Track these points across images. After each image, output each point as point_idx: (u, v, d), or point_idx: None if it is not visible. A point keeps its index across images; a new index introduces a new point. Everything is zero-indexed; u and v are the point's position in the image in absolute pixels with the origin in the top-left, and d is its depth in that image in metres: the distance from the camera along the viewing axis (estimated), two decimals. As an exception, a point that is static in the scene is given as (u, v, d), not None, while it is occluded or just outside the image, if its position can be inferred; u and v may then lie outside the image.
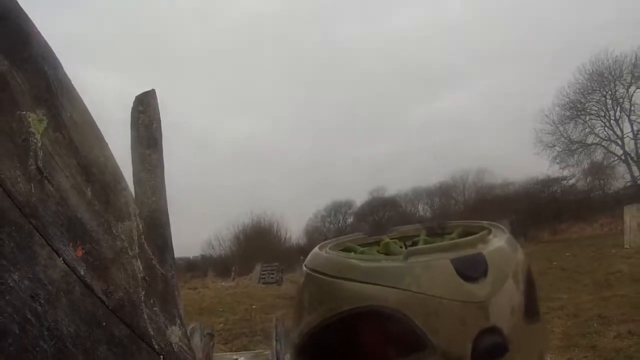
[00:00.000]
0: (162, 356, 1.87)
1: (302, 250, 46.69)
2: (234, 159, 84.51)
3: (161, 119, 2.33)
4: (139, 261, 1.89)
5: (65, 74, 1.73)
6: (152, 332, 1.85)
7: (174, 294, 2.16)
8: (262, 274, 32.52)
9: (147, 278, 1.91)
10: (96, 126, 1.86)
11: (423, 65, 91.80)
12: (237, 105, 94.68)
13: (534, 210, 42.53)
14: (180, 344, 2.04)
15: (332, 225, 61.50)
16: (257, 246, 47.44)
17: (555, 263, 20.76)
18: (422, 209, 60.99)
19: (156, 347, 1.85)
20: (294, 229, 61.35)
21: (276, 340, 5.24)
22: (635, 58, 46.28)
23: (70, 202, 1.61)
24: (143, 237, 1.96)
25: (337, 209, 62.77)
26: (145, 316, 1.84)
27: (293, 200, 76.09)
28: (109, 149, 1.90)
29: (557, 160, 50.78)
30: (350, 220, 61.83)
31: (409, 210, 60.41)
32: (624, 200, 29.65)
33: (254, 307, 17.13)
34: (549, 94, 75.75)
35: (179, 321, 2.09)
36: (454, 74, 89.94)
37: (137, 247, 1.89)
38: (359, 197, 62.62)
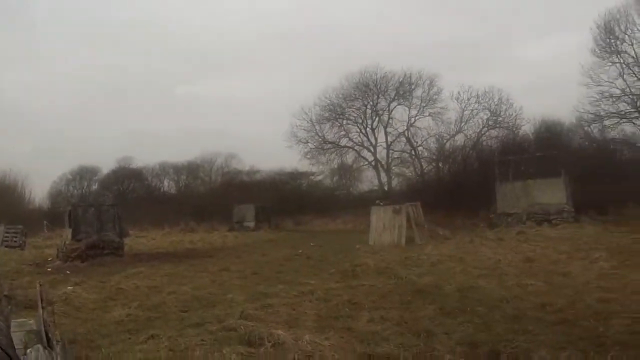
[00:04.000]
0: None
1: (46, 215, 43.63)
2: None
3: None
4: None
5: None
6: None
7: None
8: (6, 237, 29.52)
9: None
10: None
11: (194, 46, 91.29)
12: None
13: (278, 199, 43.80)
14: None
15: (76, 191, 58.49)
16: (0, 205, 43.00)
17: (300, 251, 21.44)
18: (168, 185, 60.42)
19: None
20: (38, 190, 57.44)
21: (42, 308, 4.48)
22: (404, 77, 50.29)
23: None
24: None
25: (83, 174, 59.92)
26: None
27: (39, 160, 71.16)
28: None
29: (308, 156, 52.82)
30: (95, 187, 59.33)
31: (154, 185, 59.40)
32: (369, 202, 31.47)
33: (-3, 272, 15.40)
34: (310, 94, 78.80)
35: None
36: (222, 59, 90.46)
37: None
38: (107, 165, 60.09)
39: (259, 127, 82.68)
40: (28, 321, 5.01)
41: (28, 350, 3.59)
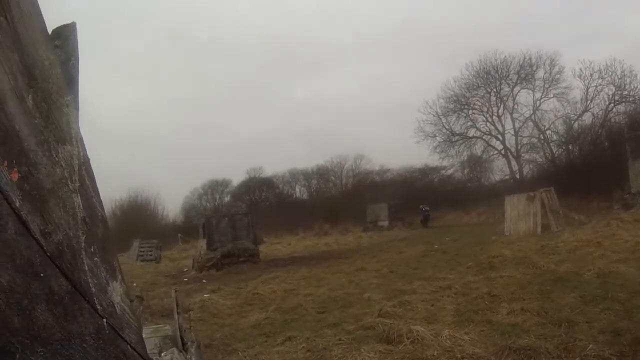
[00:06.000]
0: (104, 319, 1.52)
1: (180, 228, 45.86)
2: (113, 134, 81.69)
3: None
4: (79, 197, 1.51)
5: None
6: (93, 289, 1.49)
7: (113, 241, 1.80)
8: (141, 251, 31.54)
9: (87, 219, 1.54)
10: (44, 23, 1.48)
11: (308, 46, 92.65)
12: (118, 78, 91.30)
13: (411, 197, 43.56)
14: (123, 304, 1.69)
15: (208, 204, 61.30)
16: (135, 222, 46.01)
17: (436, 246, 21.30)
18: (299, 191, 61.69)
19: (98, 307, 1.50)
20: (170, 206, 60.54)
21: (178, 313, 4.79)
22: (523, 60, 48.65)
23: (8, 108, 1.21)
24: (84, 168, 1.57)
25: (214, 187, 62.89)
26: (86, 267, 1.48)
27: (170, 177, 74.80)
28: (55, 54, 1.54)
29: (438, 150, 52.05)
30: (227, 199, 61.88)
31: (286, 192, 60.76)
32: (501, 192, 30.89)
33: (134, 284, 16.48)
34: (431, 86, 77.99)
35: (119, 276, 1.73)
36: (339, 57, 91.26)
37: (77, 179, 1.51)
38: (236, 176, 62.55)
39: (386, 127, 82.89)
40: (163, 327, 5.24)
41: (163, 354, 3.85)
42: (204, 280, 18.64)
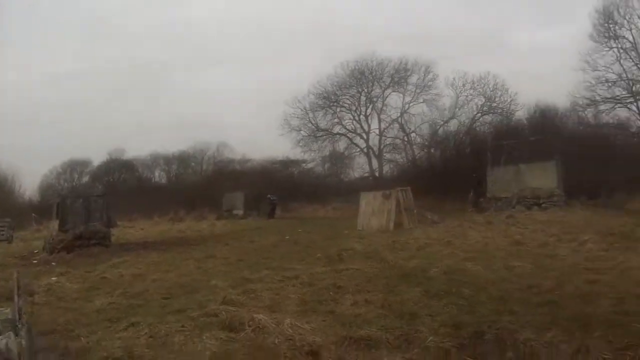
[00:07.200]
0: None
1: (36, 208, 43.43)
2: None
3: None
4: None
5: None
6: None
7: None
8: (-7, 230, 29.35)
9: None
10: None
11: (189, 36, 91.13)
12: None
13: (269, 188, 43.60)
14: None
15: (66, 184, 58.80)
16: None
17: (287, 237, 21.26)
18: (159, 175, 60.55)
19: None
20: (29, 184, 57.36)
21: (18, 296, 4.36)
22: (399, 64, 50.41)
23: None
24: None
25: (74, 167, 60.27)
26: None
27: (31, 154, 70.81)
28: None
29: (301, 144, 52.96)
30: (86, 179, 59.67)
31: (145, 175, 59.54)
32: (360, 189, 31.46)
33: (-20, 264, 15.23)
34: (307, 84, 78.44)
35: None
36: (217, 49, 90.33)
37: None
38: (99, 157, 60.26)
39: (254, 118, 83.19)
40: (5, 310, 4.93)
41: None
42: (53, 263, 17.52)
